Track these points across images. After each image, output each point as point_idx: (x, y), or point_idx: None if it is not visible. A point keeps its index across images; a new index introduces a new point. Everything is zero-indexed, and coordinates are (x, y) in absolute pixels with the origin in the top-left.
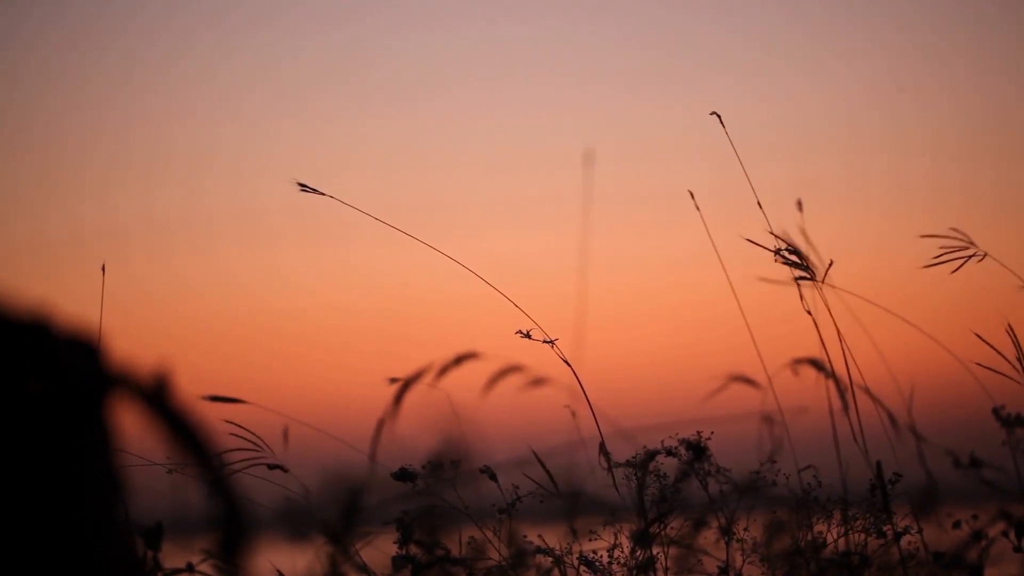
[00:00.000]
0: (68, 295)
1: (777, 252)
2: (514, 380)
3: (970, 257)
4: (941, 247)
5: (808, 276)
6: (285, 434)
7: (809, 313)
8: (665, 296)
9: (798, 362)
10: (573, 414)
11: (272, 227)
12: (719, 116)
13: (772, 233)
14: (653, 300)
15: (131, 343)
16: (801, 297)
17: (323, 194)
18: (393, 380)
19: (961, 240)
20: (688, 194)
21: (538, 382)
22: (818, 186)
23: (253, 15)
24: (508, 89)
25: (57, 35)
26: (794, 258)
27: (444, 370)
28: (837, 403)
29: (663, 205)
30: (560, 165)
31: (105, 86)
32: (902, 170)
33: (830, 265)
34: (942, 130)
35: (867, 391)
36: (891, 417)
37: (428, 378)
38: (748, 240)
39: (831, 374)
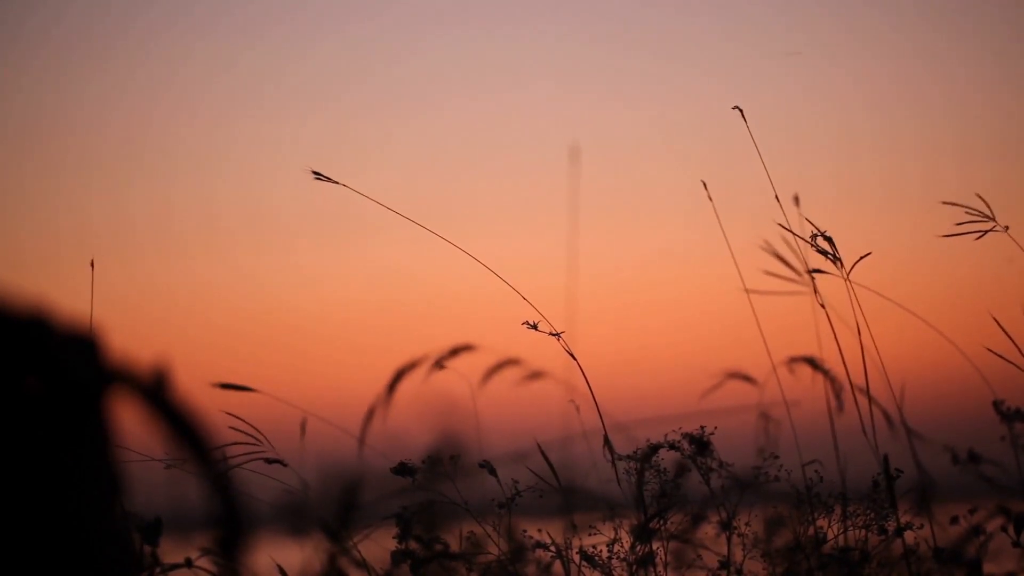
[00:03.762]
0: (75, 293)
1: (813, 238)
2: (512, 373)
3: (989, 230)
4: (967, 212)
5: (819, 270)
6: (303, 426)
7: (823, 306)
8: (662, 291)
9: (794, 360)
10: (577, 408)
11: (278, 223)
12: (742, 111)
13: (786, 227)
14: (645, 296)
15: (135, 339)
16: (815, 291)
17: (337, 183)
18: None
19: (978, 214)
20: (686, 190)
21: (535, 375)
22: (810, 184)
23: (265, 13)
24: (497, 91)
25: (66, 29)
26: (826, 245)
27: (440, 361)
28: (834, 401)
29: (654, 202)
30: (552, 165)
31: (118, 81)
32: (896, 167)
33: (864, 256)
34: (936, 128)
35: (864, 391)
36: (886, 415)
37: (423, 368)
38: (783, 227)
39: (826, 372)
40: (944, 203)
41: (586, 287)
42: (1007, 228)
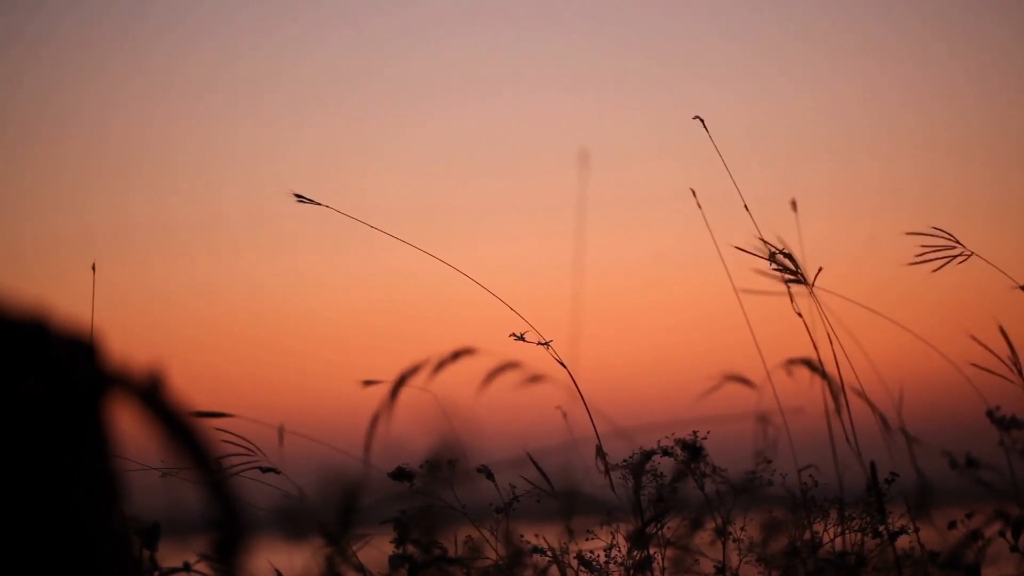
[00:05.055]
0: (76, 296)
1: (771, 256)
2: (511, 377)
3: (954, 257)
4: (923, 245)
5: (798, 280)
6: (280, 436)
7: (800, 315)
8: (660, 295)
9: (792, 362)
10: (564, 415)
11: (279, 228)
12: (702, 120)
13: (762, 239)
14: (648, 300)
15: (135, 343)
16: (792, 300)
17: (319, 204)
18: (368, 383)
19: (945, 239)
20: (683, 195)
21: (535, 379)
22: (807, 188)
23: (269, 16)
24: (504, 97)
25: (67, 33)
26: (787, 262)
27: (440, 365)
28: (831, 404)
29: (657, 206)
30: (555, 169)
31: (120, 84)
32: (891, 172)
33: (819, 271)
34: (931, 132)
35: (861, 393)
36: (883, 418)
37: (424, 373)
38: (737, 248)
39: (824, 375)
40: (908, 233)
41: (589, 290)
42: (971, 255)
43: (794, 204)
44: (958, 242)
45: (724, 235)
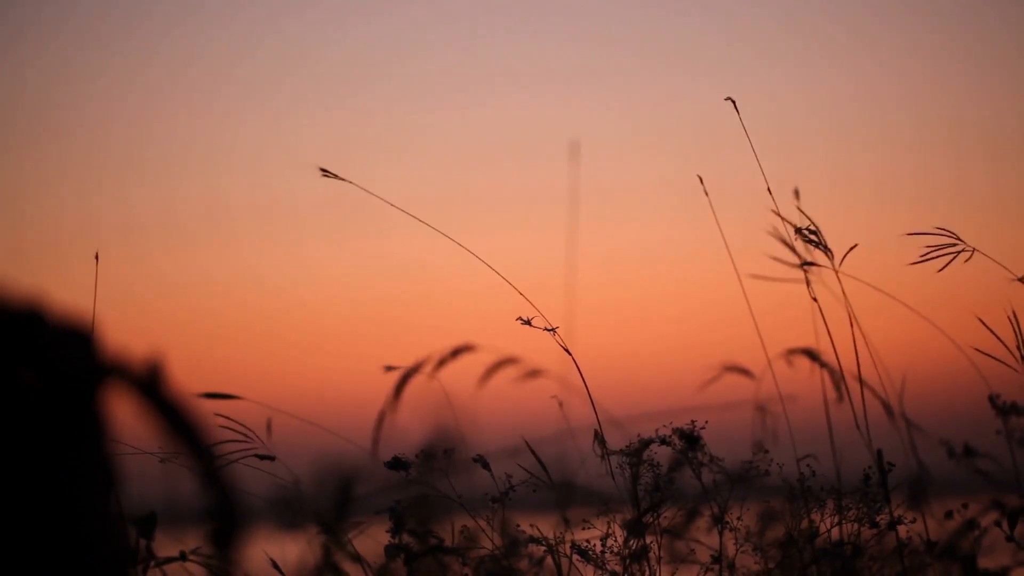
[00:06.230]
0: (80, 286)
1: (798, 231)
2: (510, 372)
3: (957, 254)
4: (927, 246)
5: (811, 263)
6: (268, 425)
7: (815, 300)
8: (658, 285)
9: (792, 352)
10: (560, 404)
11: (282, 219)
12: (734, 102)
13: (780, 215)
14: (645, 289)
15: (139, 333)
16: (808, 284)
17: (344, 180)
18: (389, 368)
19: (948, 237)
20: (682, 185)
21: (533, 374)
22: (808, 180)
23: (276, 11)
24: (498, 93)
25: (73, 23)
26: (815, 238)
27: (442, 362)
28: (832, 393)
29: (650, 197)
30: (550, 162)
31: (127, 75)
32: (891, 164)
33: (852, 248)
34: (930, 125)
35: (861, 381)
36: (886, 406)
37: (426, 369)
38: (777, 214)
39: (825, 364)
40: (909, 234)
41: (584, 281)
42: (973, 252)
43: (796, 192)
44: (960, 239)
45: (726, 224)
